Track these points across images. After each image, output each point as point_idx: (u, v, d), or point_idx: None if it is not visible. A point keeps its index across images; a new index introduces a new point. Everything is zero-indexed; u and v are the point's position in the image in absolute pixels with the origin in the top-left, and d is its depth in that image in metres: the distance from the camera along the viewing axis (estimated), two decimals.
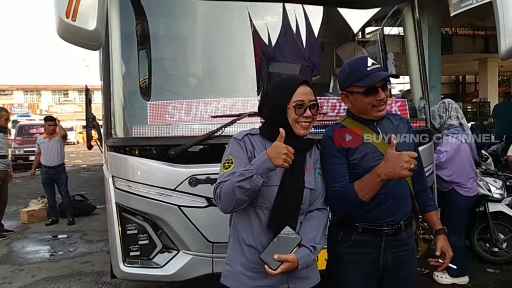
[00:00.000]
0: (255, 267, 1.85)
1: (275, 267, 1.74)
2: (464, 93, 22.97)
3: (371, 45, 4.44)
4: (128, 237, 2.92)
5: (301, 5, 3.39)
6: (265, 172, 1.73)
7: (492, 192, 4.81)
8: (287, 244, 1.78)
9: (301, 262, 1.78)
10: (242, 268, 1.88)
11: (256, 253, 1.83)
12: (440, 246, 2.11)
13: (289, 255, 1.76)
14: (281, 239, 1.78)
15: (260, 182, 1.73)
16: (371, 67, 1.92)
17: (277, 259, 1.74)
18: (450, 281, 4.13)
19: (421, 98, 3.57)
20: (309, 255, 1.82)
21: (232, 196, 1.75)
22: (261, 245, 1.84)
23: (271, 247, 1.78)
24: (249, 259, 1.87)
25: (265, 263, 1.75)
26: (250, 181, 1.71)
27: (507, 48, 2.84)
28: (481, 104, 14.20)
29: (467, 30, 14.14)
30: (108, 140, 2.96)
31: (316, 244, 1.86)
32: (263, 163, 1.73)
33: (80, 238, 6.25)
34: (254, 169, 1.72)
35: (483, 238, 4.90)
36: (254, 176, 1.71)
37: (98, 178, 12.87)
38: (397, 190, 1.96)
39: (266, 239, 1.84)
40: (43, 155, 7.22)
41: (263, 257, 1.76)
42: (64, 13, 2.14)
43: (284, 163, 1.72)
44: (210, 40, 3.29)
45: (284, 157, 1.72)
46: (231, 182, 1.76)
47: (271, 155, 1.72)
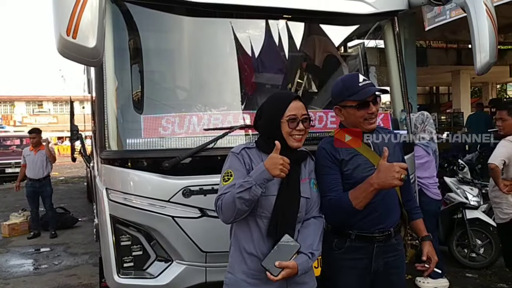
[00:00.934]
0: (256, 274, 1.94)
1: (277, 274, 1.84)
2: (438, 104, 23.59)
3: (353, 59, 4.60)
4: (121, 248, 2.95)
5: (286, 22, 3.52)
6: (264, 183, 1.84)
7: (469, 199, 5.02)
8: (287, 252, 1.88)
9: (300, 268, 1.89)
10: (244, 276, 1.97)
11: (257, 261, 1.93)
12: (426, 251, 2.25)
13: (289, 261, 1.87)
14: (281, 246, 1.88)
15: (259, 192, 1.83)
16: (362, 83, 2.07)
17: (278, 266, 1.84)
18: (432, 286, 4.29)
19: (402, 111, 3.72)
20: (308, 261, 1.93)
21: (233, 207, 1.85)
22: (261, 252, 1.94)
23: (272, 255, 1.87)
24: (250, 267, 1.96)
25: (267, 270, 1.84)
26: (249, 191, 1.81)
27: (482, 63, 3.03)
28: (455, 115, 14.61)
29: (441, 43, 14.63)
30: (102, 153, 3.00)
31: (314, 251, 1.97)
32: (261, 174, 1.83)
33: (64, 251, 6.20)
34: (253, 180, 1.82)
35: (461, 244, 5.09)
36: (253, 187, 1.81)
37: (77, 191, 12.73)
38: (387, 199, 2.10)
39: (266, 247, 1.94)
40: (28, 167, 7.14)
41: (265, 264, 1.86)
42: (64, 31, 2.19)
43: (281, 173, 1.84)
44: (203, 54, 3.38)
45: (281, 167, 1.83)
46: (231, 194, 1.85)
47: (268, 166, 1.83)
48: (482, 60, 3.02)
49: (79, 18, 2.20)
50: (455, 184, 5.22)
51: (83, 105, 9.88)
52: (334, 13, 3.33)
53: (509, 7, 7.19)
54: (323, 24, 3.79)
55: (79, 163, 11.74)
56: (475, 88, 23.21)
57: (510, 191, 3.68)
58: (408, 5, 3.52)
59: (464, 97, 16.55)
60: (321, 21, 3.67)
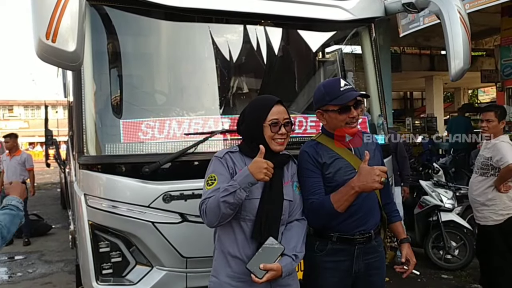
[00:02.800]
0: (240, 277, 1.95)
1: (261, 276, 1.85)
2: (412, 109, 24.08)
3: (331, 65, 4.66)
4: (100, 255, 2.90)
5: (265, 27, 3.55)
6: (248, 186, 1.85)
7: (444, 202, 5.14)
8: (271, 254, 1.89)
9: (284, 270, 1.91)
10: (228, 279, 1.97)
11: (241, 264, 1.94)
12: (405, 253, 2.30)
13: (274, 264, 1.88)
14: (266, 249, 1.90)
15: (243, 196, 1.84)
16: (344, 88, 2.11)
17: (262, 268, 1.86)
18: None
19: (379, 115, 3.78)
20: (292, 263, 1.96)
21: (218, 210, 1.86)
22: (246, 255, 1.95)
23: (256, 257, 1.89)
24: (234, 270, 1.97)
25: (252, 272, 1.86)
26: (234, 195, 1.82)
27: (456, 70, 3.11)
28: (429, 119, 14.95)
29: (414, 49, 14.97)
30: (80, 158, 2.95)
31: (298, 253, 2.00)
32: (245, 178, 1.84)
33: (38, 259, 6.06)
34: (237, 184, 1.84)
35: (436, 246, 5.21)
36: (238, 191, 1.83)
37: (50, 197, 12.46)
38: (367, 202, 2.14)
39: (250, 249, 1.95)
40: (5, 173, 6.99)
41: (250, 266, 1.87)
42: (44, 35, 2.15)
43: (265, 177, 1.86)
44: (182, 59, 3.37)
45: (265, 171, 1.85)
46: (216, 198, 1.86)
47: (252, 170, 1.85)
48: (456, 66, 3.10)
49: (58, 22, 2.17)
50: (430, 187, 5.34)
51: (56, 110, 9.70)
52: (313, 19, 3.38)
53: (480, 14, 7.44)
54: (302, 30, 3.82)
55: (51, 169, 11.50)
56: (448, 93, 23.78)
57: (507, 190, 3.76)
58: (385, 12, 3.59)
59: (437, 102, 16.96)
60: (300, 27, 3.70)
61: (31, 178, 7.38)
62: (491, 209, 3.85)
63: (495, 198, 3.82)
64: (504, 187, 3.78)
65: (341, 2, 3.38)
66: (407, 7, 3.41)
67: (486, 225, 3.93)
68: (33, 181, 7.50)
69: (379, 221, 2.26)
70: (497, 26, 9.46)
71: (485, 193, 3.88)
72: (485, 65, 14.14)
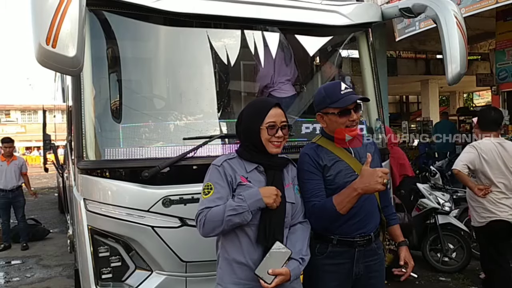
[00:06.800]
0: (246, 283, 1.97)
1: (270, 281, 1.87)
2: (408, 112, 24.14)
3: (328, 69, 4.69)
4: (100, 259, 2.90)
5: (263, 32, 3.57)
6: (256, 210, 1.90)
7: (441, 205, 5.16)
8: (278, 259, 1.90)
9: (293, 274, 1.93)
10: (234, 286, 1.99)
11: (247, 270, 1.95)
12: (403, 256, 2.32)
13: (282, 268, 1.90)
14: (273, 254, 1.91)
15: (249, 218, 1.89)
16: (344, 91, 2.13)
17: (271, 273, 1.87)
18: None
19: (377, 119, 3.81)
20: (299, 266, 1.98)
21: (219, 225, 1.90)
22: (252, 261, 1.96)
23: (264, 263, 1.90)
24: (240, 276, 1.98)
25: (260, 278, 1.86)
26: (240, 216, 1.87)
27: (453, 74, 3.13)
28: (424, 123, 15.03)
29: (410, 53, 15.03)
30: (79, 163, 2.96)
31: (304, 256, 2.02)
32: (256, 202, 1.89)
33: (36, 263, 6.04)
34: (247, 206, 1.87)
35: (434, 249, 5.23)
36: (246, 213, 1.88)
37: (48, 202, 12.42)
38: (367, 204, 2.16)
39: (256, 254, 1.97)
40: (3, 177, 6.98)
41: (258, 272, 1.88)
42: (44, 40, 2.16)
43: (274, 204, 1.91)
44: (182, 64, 3.38)
45: (275, 197, 1.91)
46: (220, 213, 1.89)
47: (264, 193, 1.90)
48: (453, 71, 3.12)
49: (59, 27, 2.18)
50: (428, 190, 5.36)
51: (54, 114, 9.67)
52: (311, 24, 3.40)
53: (475, 19, 7.49)
54: (300, 35, 3.85)
55: (48, 174, 11.47)
56: (443, 97, 23.88)
57: (485, 195, 3.78)
58: (382, 17, 3.62)
59: (432, 105, 17.03)
60: (298, 32, 3.73)
61: (27, 182, 7.41)
62: (476, 212, 3.92)
63: (477, 200, 3.87)
64: (481, 192, 3.79)
65: (339, 7, 3.41)
66: (404, 12, 3.44)
67: (474, 226, 4.04)
68: (29, 185, 7.53)
69: (378, 223, 2.28)
70: (492, 30, 9.53)
71: (470, 195, 3.97)
72: (480, 69, 14.22)
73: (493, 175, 3.76)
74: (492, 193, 3.77)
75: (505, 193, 3.76)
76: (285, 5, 3.24)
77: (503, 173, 3.76)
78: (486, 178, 3.79)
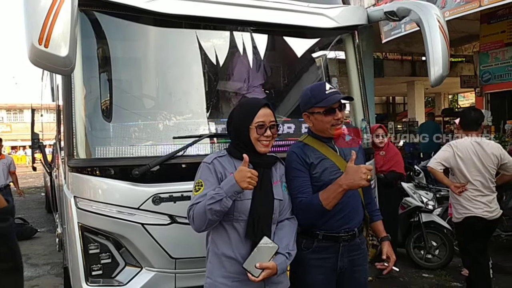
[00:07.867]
0: (235, 276, 2.03)
1: (258, 275, 1.94)
2: (395, 113, 24.37)
3: (315, 70, 4.76)
4: (90, 256, 2.94)
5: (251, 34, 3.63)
6: (234, 195, 1.94)
7: (425, 203, 5.28)
8: (266, 253, 1.98)
9: (279, 268, 2.00)
10: (223, 279, 2.05)
11: (235, 264, 2.02)
12: (386, 251, 2.41)
13: (269, 262, 1.97)
14: (261, 248, 1.98)
15: (229, 204, 1.93)
16: (329, 91, 2.22)
17: (259, 267, 1.94)
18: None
19: (362, 120, 3.90)
20: (286, 261, 2.05)
21: (204, 217, 1.95)
22: (240, 255, 2.03)
23: (252, 257, 1.97)
24: (229, 270, 2.05)
25: (248, 272, 1.94)
26: (220, 203, 1.91)
27: (436, 76, 3.22)
28: (410, 123, 15.21)
29: (396, 55, 15.21)
30: (70, 161, 2.99)
31: (291, 251, 2.09)
32: (231, 186, 1.93)
33: (24, 262, 5.94)
34: (224, 192, 1.92)
35: (418, 246, 5.35)
36: (224, 199, 1.91)
37: (35, 201, 12.32)
38: (352, 201, 2.25)
39: (245, 248, 2.03)
40: None
41: (246, 266, 1.95)
42: (36, 40, 2.19)
43: (249, 186, 1.93)
44: (172, 64, 3.43)
45: (249, 180, 1.93)
46: (202, 205, 1.94)
47: (237, 179, 1.93)
48: (435, 73, 3.20)
49: (51, 27, 2.21)
50: (412, 189, 5.48)
51: (41, 113, 9.61)
52: (299, 27, 3.47)
53: (460, 21, 7.63)
54: (288, 37, 3.92)
55: (34, 173, 11.39)
56: (429, 98, 24.16)
57: (461, 192, 3.86)
58: (368, 20, 3.71)
59: (418, 106, 17.24)
60: (286, 34, 3.79)
61: (15, 181, 7.39)
62: (454, 208, 4.00)
63: (455, 197, 3.95)
64: (458, 190, 3.85)
65: (326, 10, 3.49)
66: (389, 15, 3.53)
67: (454, 222, 4.11)
68: (17, 183, 7.52)
69: (362, 219, 2.37)
70: (476, 33, 9.69)
71: (450, 191, 4.04)
72: (465, 70, 14.43)
73: (469, 173, 3.83)
74: (468, 191, 3.83)
75: (481, 190, 3.82)
76: (273, 8, 3.32)
77: (480, 171, 3.82)
78: (463, 176, 3.87)
